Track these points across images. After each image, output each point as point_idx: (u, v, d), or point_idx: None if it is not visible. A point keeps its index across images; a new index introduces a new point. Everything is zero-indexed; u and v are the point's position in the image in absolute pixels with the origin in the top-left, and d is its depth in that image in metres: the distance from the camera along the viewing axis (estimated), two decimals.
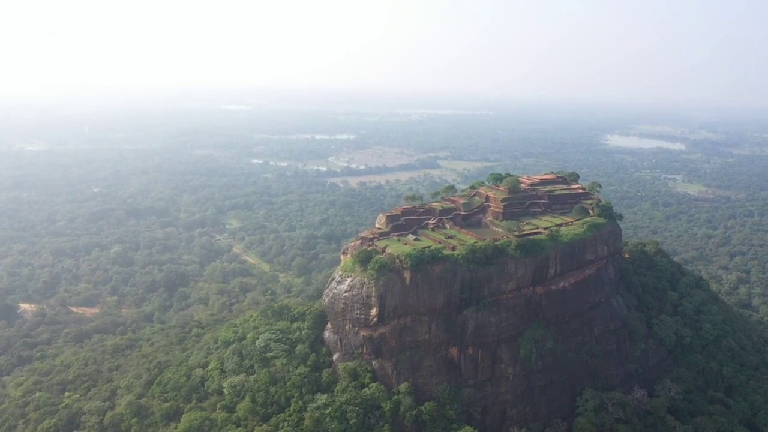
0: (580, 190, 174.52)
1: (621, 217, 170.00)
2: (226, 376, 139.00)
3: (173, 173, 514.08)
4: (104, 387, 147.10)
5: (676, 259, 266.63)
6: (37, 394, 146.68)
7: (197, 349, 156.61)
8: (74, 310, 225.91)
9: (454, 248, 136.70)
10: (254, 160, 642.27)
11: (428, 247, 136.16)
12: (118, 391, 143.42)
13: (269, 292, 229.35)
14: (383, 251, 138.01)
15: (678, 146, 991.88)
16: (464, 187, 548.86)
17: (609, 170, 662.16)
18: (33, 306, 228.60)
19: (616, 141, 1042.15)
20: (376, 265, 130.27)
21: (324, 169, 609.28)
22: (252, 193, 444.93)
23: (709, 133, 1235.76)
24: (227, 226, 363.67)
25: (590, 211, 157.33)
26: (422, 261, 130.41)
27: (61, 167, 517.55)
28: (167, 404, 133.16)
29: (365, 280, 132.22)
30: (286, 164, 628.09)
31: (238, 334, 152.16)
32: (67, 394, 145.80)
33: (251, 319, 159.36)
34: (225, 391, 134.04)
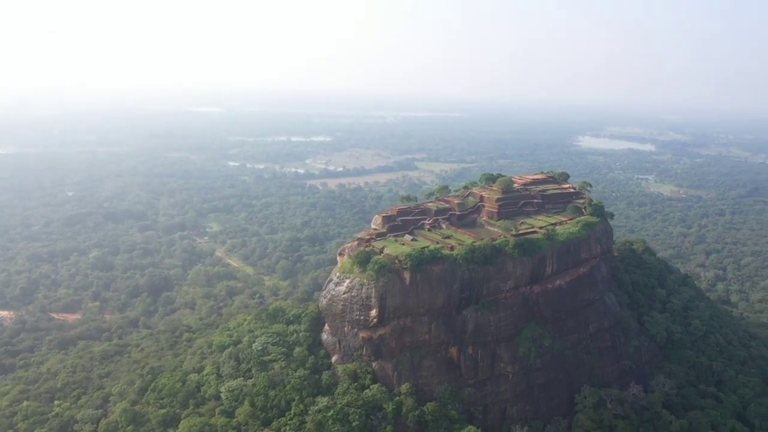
0: (571, 190, 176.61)
1: (612, 215, 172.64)
2: (223, 381, 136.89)
3: (149, 176, 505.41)
4: (95, 394, 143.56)
5: None
6: (25, 403, 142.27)
7: (190, 354, 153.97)
8: (55, 316, 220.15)
9: (452, 248, 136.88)
10: (231, 163, 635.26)
11: (427, 247, 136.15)
12: (110, 398, 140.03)
13: (257, 295, 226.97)
14: (381, 252, 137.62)
15: (648, 147, 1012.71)
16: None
17: (583, 171, 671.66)
18: (11, 313, 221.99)
19: (587, 142, 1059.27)
20: (376, 266, 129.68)
21: (302, 171, 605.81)
22: (231, 195, 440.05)
23: (677, 134, 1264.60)
24: (208, 230, 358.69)
25: (583, 210, 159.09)
26: (422, 261, 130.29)
27: (33, 171, 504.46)
28: (163, 411, 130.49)
29: (365, 281, 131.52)
30: (263, 166, 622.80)
31: (233, 338, 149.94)
32: (56, 402, 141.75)
33: (245, 323, 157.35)
34: (223, 396, 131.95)
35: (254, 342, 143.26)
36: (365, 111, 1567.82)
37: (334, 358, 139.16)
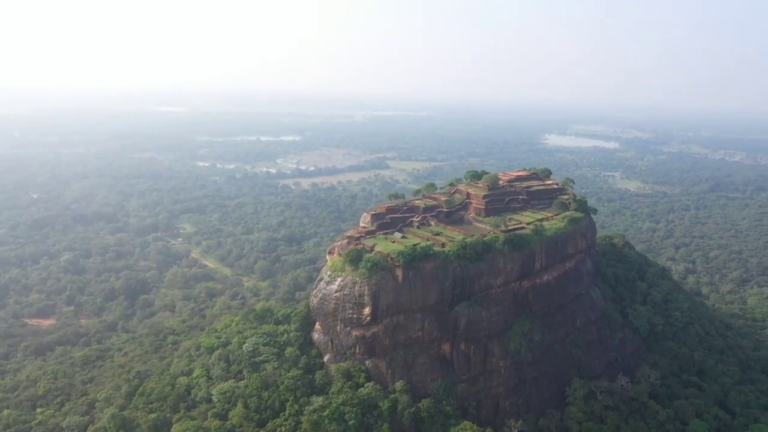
0: (555, 186, 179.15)
1: (595, 211, 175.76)
2: (214, 383, 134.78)
3: (116, 177, 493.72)
4: (80, 401, 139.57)
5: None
6: (6, 411, 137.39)
7: (177, 357, 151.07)
8: (29, 322, 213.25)
9: (443, 245, 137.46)
10: (200, 163, 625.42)
11: (418, 244, 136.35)
12: (96, 404, 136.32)
13: (239, 296, 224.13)
14: (372, 250, 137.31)
15: (612, 145, 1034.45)
16: (416, 187, 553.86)
17: (552, 169, 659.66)
18: None
19: (554, 140, 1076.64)
20: (368, 264, 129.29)
21: (273, 171, 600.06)
22: (203, 196, 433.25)
23: (639, 132, 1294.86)
24: (181, 231, 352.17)
25: (569, 206, 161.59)
26: (414, 258, 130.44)
27: None
28: (153, 415, 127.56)
29: (357, 279, 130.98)
30: (233, 166, 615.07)
31: (221, 340, 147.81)
32: (39, 410, 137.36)
33: (233, 324, 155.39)
34: (214, 399, 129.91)
35: (244, 343, 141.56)
36: (331, 110, 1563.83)
37: (326, 358, 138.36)
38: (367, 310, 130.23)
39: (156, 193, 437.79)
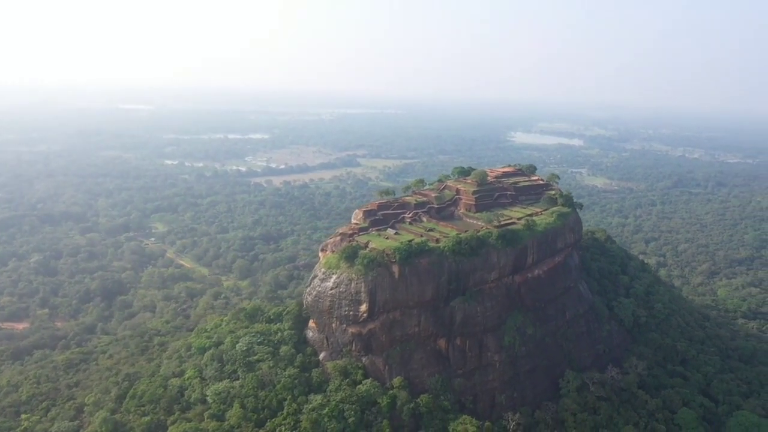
0: (541, 182, 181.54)
1: (581, 206, 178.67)
2: (208, 384, 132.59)
3: (82, 176, 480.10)
4: (67, 405, 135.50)
5: None
6: None
7: (167, 358, 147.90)
8: (1, 325, 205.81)
9: (438, 240, 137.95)
10: (167, 161, 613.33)
11: (412, 240, 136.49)
12: (85, 409, 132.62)
13: (221, 296, 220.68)
14: (366, 246, 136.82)
15: (577, 142, 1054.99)
16: (389, 184, 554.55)
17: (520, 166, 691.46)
18: None
19: (520, 138, 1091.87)
20: (365, 260, 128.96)
21: (244, 169, 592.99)
22: (174, 195, 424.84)
23: (602, 129, 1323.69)
24: (153, 230, 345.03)
25: (557, 201, 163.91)
26: (410, 254, 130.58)
27: None
28: (147, 418, 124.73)
29: (353, 276, 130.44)
30: (202, 165, 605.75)
31: (213, 340, 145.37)
32: (24, 416, 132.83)
33: (224, 324, 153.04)
34: (209, 399, 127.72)
35: (237, 342, 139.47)
36: (297, 108, 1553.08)
37: (321, 355, 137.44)
38: (363, 307, 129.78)
39: (125, 192, 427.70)
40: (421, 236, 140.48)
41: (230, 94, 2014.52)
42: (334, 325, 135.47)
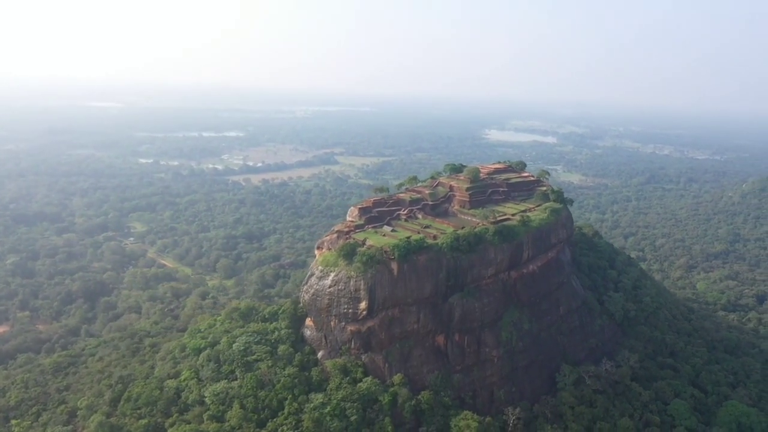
0: (531, 178, 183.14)
1: (571, 202, 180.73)
2: (205, 385, 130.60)
3: (55, 175, 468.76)
4: (59, 410, 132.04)
5: None
6: None
7: (160, 360, 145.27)
8: None
9: (435, 237, 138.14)
10: (142, 160, 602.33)
11: (410, 237, 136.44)
12: (78, 413, 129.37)
13: (209, 296, 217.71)
14: (364, 244, 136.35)
15: (550, 140, 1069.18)
16: (368, 182, 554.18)
17: (492, 163, 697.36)
18: None
19: (495, 135, 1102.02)
20: (364, 258, 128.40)
21: (221, 167, 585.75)
22: (152, 194, 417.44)
23: (574, 127, 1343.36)
24: (132, 230, 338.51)
25: (549, 197, 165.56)
26: (409, 251, 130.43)
27: None
28: (144, 421, 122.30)
29: (352, 273, 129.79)
30: (177, 163, 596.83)
31: (208, 340, 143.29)
32: (14, 422, 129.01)
33: (218, 324, 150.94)
34: (208, 401, 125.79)
35: (234, 342, 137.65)
36: (269, 105, 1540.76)
37: (320, 354, 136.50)
38: (363, 305, 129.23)
39: (100, 191, 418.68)
40: (418, 233, 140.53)
41: (199, 91, 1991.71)
42: (332, 323, 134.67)
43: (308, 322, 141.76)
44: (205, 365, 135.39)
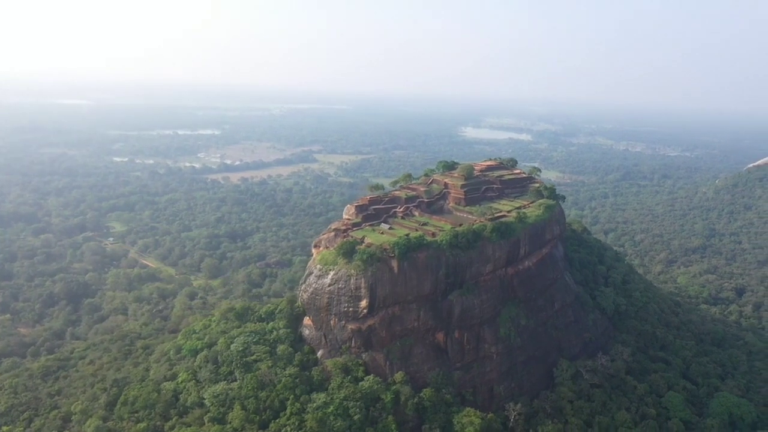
0: (523, 175, 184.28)
1: (563, 198, 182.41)
2: (204, 387, 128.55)
3: (27, 175, 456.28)
4: (51, 415, 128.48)
5: None
6: None
7: (155, 362, 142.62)
8: None
9: (434, 234, 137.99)
10: (116, 158, 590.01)
11: (408, 234, 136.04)
12: (73, 418, 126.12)
13: (198, 296, 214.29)
14: (362, 242, 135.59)
15: (525, 137, 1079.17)
16: (348, 180, 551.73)
17: (475, 160, 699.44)
18: None
19: (471, 133, 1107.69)
20: (365, 256, 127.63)
21: (198, 165, 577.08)
22: (129, 193, 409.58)
23: (548, 124, 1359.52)
24: (112, 230, 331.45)
25: (543, 193, 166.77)
26: (409, 249, 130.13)
27: None
28: (142, 424, 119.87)
29: (352, 271, 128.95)
30: (153, 162, 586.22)
31: (204, 341, 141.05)
32: (5, 428, 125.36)
33: (213, 324, 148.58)
34: (207, 403, 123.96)
35: (232, 343, 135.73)
36: (243, 103, 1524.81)
37: (320, 353, 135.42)
38: (364, 303, 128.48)
39: (76, 190, 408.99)
40: (416, 230, 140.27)
41: (170, 89, 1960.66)
42: (332, 322, 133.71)
43: (306, 321, 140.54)
44: (202, 367, 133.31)
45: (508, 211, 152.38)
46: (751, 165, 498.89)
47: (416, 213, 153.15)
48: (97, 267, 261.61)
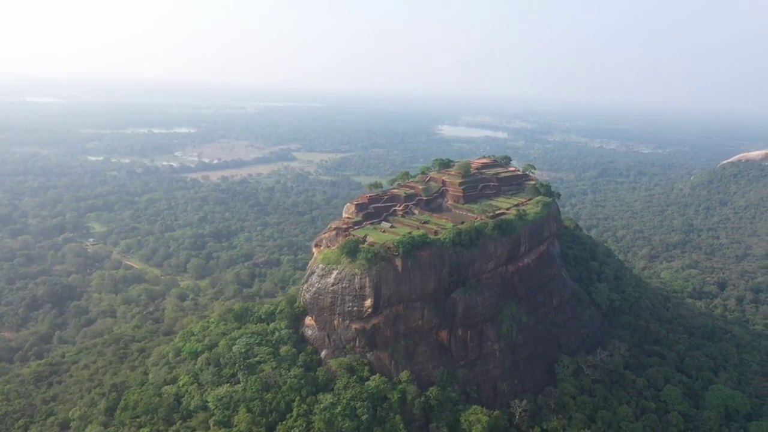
0: (518, 172, 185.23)
1: (559, 195, 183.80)
2: (206, 390, 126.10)
3: (0, 174, 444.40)
4: (48, 421, 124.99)
5: None
6: None
7: (153, 365, 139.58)
8: None
9: (436, 232, 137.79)
10: (91, 157, 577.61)
11: (410, 233, 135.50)
12: (71, 424, 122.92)
13: (189, 297, 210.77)
14: (365, 240, 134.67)
15: (501, 135, 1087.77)
16: (329, 178, 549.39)
17: (454, 158, 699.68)
18: None
19: (448, 131, 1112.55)
20: (369, 255, 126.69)
21: (176, 164, 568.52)
22: (108, 193, 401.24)
23: (523, 122, 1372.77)
24: (92, 231, 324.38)
25: (540, 190, 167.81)
26: (413, 247, 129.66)
27: None
28: (145, 429, 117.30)
29: (356, 270, 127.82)
30: (129, 161, 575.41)
31: (204, 343, 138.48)
32: None
33: (212, 325, 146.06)
34: (211, 406, 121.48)
35: (234, 344, 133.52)
36: (214, 101, 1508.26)
37: (323, 353, 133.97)
38: (368, 302, 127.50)
39: (52, 190, 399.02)
40: (417, 228, 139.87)
41: (141, 85, 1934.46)
42: (336, 321, 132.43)
43: (308, 321, 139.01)
44: (204, 369, 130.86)
45: (508, 209, 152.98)
46: (725, 161, 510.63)
47: (416, 211, 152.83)
48: (80, 269, 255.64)
